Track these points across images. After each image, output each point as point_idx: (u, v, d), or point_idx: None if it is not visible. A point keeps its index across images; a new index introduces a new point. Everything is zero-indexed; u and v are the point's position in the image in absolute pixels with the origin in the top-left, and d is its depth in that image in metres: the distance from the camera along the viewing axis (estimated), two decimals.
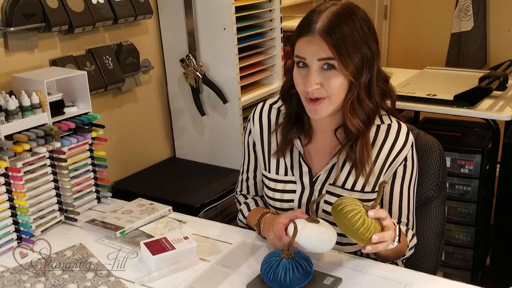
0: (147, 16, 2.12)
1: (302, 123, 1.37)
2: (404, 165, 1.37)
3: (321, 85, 1.23)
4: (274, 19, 2.37)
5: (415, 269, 1.33)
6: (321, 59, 1.22)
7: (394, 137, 1.35)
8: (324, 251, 1.27)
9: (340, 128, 1.35)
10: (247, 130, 1.50)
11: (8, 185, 1.45)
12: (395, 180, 1.38)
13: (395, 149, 1.35)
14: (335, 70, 1.22)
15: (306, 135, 1.39)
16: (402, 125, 1.37)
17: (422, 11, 3.94)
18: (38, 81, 1.55)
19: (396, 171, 1.37)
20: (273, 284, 1.19)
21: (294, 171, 1.40)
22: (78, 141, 1.60)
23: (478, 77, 2.47)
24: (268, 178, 1.45)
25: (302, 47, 1.24)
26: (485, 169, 2.40)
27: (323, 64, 1.22)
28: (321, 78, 1.23)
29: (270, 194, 1.45)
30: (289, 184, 1.41)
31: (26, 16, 1.69)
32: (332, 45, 1.19)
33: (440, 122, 2.72)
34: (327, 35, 1.20)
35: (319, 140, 1.39)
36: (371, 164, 1.33)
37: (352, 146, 1.31)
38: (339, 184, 1.36)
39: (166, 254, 1.31)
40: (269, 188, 1.45)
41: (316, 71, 1.23)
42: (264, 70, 2.44)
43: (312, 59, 1.22)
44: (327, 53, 1.21)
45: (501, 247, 2.40)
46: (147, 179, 2.22)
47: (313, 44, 1.21)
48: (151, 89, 2.31)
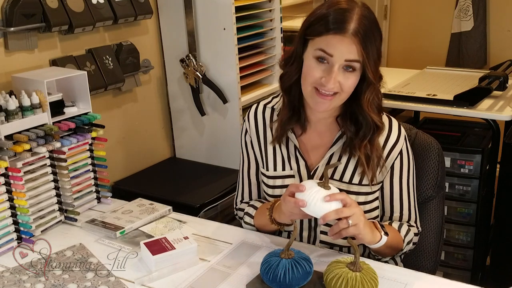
0: (147, 16, 2.12)
1: (298, 115, 1.39)
2: (400, 159, 1.38)
3: (339, 83, 1.26)
4: (274, 19, 2.37)
5: (414, 268, 1.33)
6: (348, 60, 1.24)
7: (387, 132, 1.37)
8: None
9: (340, 117, 1.37)
10: (243, 131, 1.51)
11: (8, 185, 1.45)
12: (393, 175, 1.39)
13: (388, 143, 1.36)
14: (355, 72, 1.26)
15: (301, 126, 1.40)
16: (392, 119, 1.40)
17: (422, 11, 3.94)
18: (38, 81, 1.55)
19: (394, 167, 1.38)
20: (272, 284, 1.19)
21: (292, 164, 1.41)
22: (78, 141, 1.60)
23: (478, 77, 2.47)
24: (266, 176, 1.45)
25: (331, 44, 1.24)
26: (485, 169, 2.40)
27: (346, 65, 1.25)
28: (340, 77, 1.25)
29: (270, 192, 1.45)
30: (287, 179, 1.42)
31: (26, 16, 1.69)
32: (363, 48, 1.22)
33: (440, 122, 2.72)
34: (360, 39, 1.22)
35: (314, 133, 1.41)
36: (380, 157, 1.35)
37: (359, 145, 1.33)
38: (337, 178, 1.37)
39: (166, 254, 1.31)
40: (268, 186, 1.45)
41: (339, 69, 1.25)
42: (264, 70, 2.44)
43: (339, 58, 1.24)
44: (355, 55, 1.23)
45: (501, 247, 2.40)
46: (147, 179, 2.22)
47: (344, 44, 1.23)
48: (151, 89, 2.31)
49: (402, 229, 1.39)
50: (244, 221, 1.51)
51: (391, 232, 1.33)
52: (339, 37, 1.23)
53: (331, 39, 1.23)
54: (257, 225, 1.47)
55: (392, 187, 1.40)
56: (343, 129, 1.36)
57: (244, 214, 1.50)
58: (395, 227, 1.38)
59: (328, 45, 1.24)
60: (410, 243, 1.40)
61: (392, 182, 1.40)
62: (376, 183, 1.38)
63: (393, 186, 1.40)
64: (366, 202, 1.38)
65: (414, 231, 1.42)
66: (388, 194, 1.41)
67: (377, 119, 1.32)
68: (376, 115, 1.32)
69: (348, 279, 1.14)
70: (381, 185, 1.40)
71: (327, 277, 1.17)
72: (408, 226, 1.41)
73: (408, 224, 1.41)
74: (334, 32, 1.23)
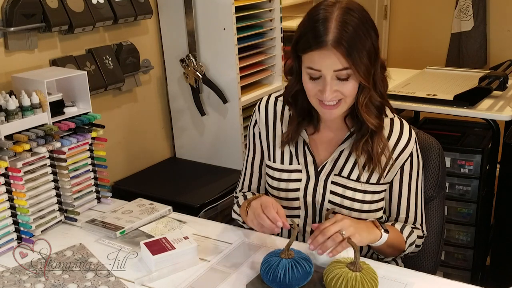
0: (147, 16, 2.12)
1: (310, 116, 1.39)
2: (411, 161, 1.38)
3: (338, 91, 1.26)
4: (274, 19, 2.37)
5: (414, 268, 1.33)
6: (336, 70, 1.23)
7: (398, 133, 1.37)
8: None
9: (348, 116, 1.37)
10: (252, 121, 1.50)
11: (8, 185, 1.45)
12: (403, 177, 1.39)
13: (399, 144, 1.36)
14: (350, 78, 1.25)
15: (314, 126, 1.41)
16: (404, 122, 1.40)
17: (422, 11, 3.94)
18: (38, 81, 1.55)
19: (403, 168, 1.38)
20: (272, 284, 1.19)
21: (300, 159, 1.42)
22: (78, 141, 1.60)
23: (478, 77, 2.47)
24: (272, 168, 1.45)
25: (316, 60, 1.24)
26: (485, 169, 2.40)
27: (337, 75, 1.24)
28: (337, 85, 1.25)
29: (275, 185, 1.45)
30: (294, 173, 1.42)
31: (26, 16, 1.69)
32: (346, 55, 1.21)
33: (440, 122, 2.72)
34: (340, 46, 1.20)
35: (325, 130, 1.41)
36: (388, 155, 1.34)
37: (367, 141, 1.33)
38: (345, 175, 1.38)
39: (166, 254, 1.31)
40: (274, 178, 1.45)
41: (332, 80, 1.24)
42: (264, 70, 2.44)
43: (327, 70, 1.23)
44: (342, 63, 1.22)
45: (501, 247, 2.40)
46: (147, 179, 2.22)
47: (327, 57, 1.22)
48: (151, 89, 2.31)
49: (405, 230, 1.39)
50: (233, 209, 1.52)
51: (392, 231, 1.34)
52: (320, 52, 1.22)
53: (314, 55, 1.23)
54: (242, 216, 1.46)
55: (401, 188, 1.40)
56: (353, 128, 1.37)
57: (235, 203, 1.51)
58: (398, 228, 1.39)
59: (313, 62, 1.24)
60: (413, 245, 1.40)
61: (402, 183, 1.40)
62: (384, 183, 1.38)
63: (402, 187, 1.40)
64: (372, 201, 1.38)
65: (418, 233, 1.42)
66: (396, 195, 1.41)
67: (372, 122, 1.30)
68: (373, 117, 1.30)
69: (348, 279, 1.14)
70: (389, 185, 1.40)
71: (327, 277, 1.17)
72: (411, 227, 1.41)
73: (412, 226, 1.41)
74: (314, 48, 1.22)
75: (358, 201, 1.37)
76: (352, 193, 1.37)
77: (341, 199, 1.38)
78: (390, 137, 1.36)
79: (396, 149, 1.36)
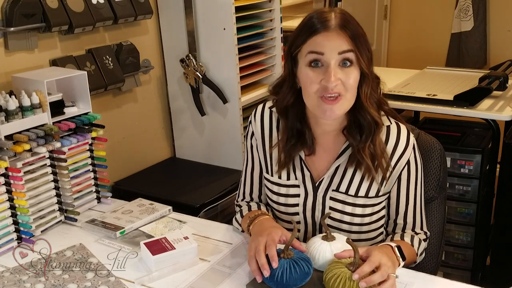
0: (147, 16, 2.12)
1: (304, 137, 1.37)
2: (408, 169, 1.36)
3: (340, 80, 1.24)
4: (274, 19, 2.37)
5: (415, 269, 1.33)
6: (342, 52, 1.23)
7: (394, 141, 1.34)
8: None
9: (346, 129, 1.35)
10: (249, 133, 1.48)
11: (8, 185, 1.45)
12: (400, 185, 1.37)
13: (396, 152, 1.34)
14: (352, 66, 1.25)
15: (309, 149, 1.38)
16: (401, 127, 1.37)
17: (422, 11, 3.94)
18: (38, 81, 1.55)
19: (401, 176, 1.36)
20: (270, 284, 1.19)
21: (297, 174, 1.40)
22: (78, 141, 1.60)
23: (478, 77, 2.47)
24: (270, 181, 1.44)
25: (319, 42, 1.23)
26: (485, 169, 2.40)
27: (342, 59, 1.24)
28: (341, 74, 1.24)
29: (275, 198, 1.43)
30: (292, 188, 1.41)
31: (26, 16, 1.69)
32: (350, 37, 1.23)
33: (440, 122, 2.72)
34: (345, 29, 1.23)
35: (320, 147, 1.38)
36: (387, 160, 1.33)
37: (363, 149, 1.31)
38: (343, 190, 1.36)
39: (166, 254, 1.31)
40: (273, 192, 1.44)
41: (336, 66, 1.24)
42: (264, 70, 2.44)
43: (332, 53, 1.23)
44: (347, 45, 1.23)
45: (501, 247, 2.40)
46: (147, 179, 2.22)
47: (332, 38, 1.23)
48: (151, 89, 2.31)
49: (415, 242, 1.37)
50: (235, 218, 1.51)
51: (407, 252, 1.30)
52: (325, 34, 1.23)
53: (318, 38, 1.24)
54: (242, 227, 1.46)
55: (398, 197, 1.39)
56: (350, 140, 1.34)
57: (238, 212, 1.50)
58: (408, 241, 1.37)
59: (316, 45, 1.24)
60: (423, 253, 1.40)
61: (399, 192, 1.38)
62: (383, 194, 1.37)
63: (399, 196, 1.38)
64: (373, 213, 1.37)
65: (421, 237, 1.40)
66: (394, 203, 1.40)
67: (376, 115, 1.30)
68: (375, 110, 1.31)
69: (347, 279, 1.14)
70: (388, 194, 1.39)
71: (326, 277, 1.17)
72: (419, 239, 1.39)
73: (414, 233, 1.40)
74: (318, 32, 1.23)
75: (358, 216, 1.36)
76: (351, 209, 1.36)
77: (341, 214, 1.37)
78: (387, 145, 1.34)
79: (393, 157, 1.34)
